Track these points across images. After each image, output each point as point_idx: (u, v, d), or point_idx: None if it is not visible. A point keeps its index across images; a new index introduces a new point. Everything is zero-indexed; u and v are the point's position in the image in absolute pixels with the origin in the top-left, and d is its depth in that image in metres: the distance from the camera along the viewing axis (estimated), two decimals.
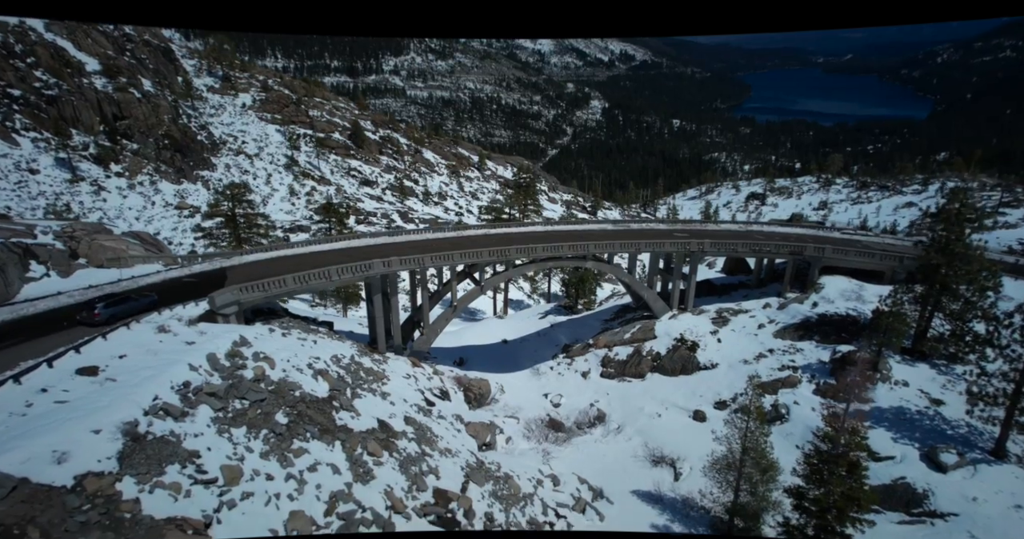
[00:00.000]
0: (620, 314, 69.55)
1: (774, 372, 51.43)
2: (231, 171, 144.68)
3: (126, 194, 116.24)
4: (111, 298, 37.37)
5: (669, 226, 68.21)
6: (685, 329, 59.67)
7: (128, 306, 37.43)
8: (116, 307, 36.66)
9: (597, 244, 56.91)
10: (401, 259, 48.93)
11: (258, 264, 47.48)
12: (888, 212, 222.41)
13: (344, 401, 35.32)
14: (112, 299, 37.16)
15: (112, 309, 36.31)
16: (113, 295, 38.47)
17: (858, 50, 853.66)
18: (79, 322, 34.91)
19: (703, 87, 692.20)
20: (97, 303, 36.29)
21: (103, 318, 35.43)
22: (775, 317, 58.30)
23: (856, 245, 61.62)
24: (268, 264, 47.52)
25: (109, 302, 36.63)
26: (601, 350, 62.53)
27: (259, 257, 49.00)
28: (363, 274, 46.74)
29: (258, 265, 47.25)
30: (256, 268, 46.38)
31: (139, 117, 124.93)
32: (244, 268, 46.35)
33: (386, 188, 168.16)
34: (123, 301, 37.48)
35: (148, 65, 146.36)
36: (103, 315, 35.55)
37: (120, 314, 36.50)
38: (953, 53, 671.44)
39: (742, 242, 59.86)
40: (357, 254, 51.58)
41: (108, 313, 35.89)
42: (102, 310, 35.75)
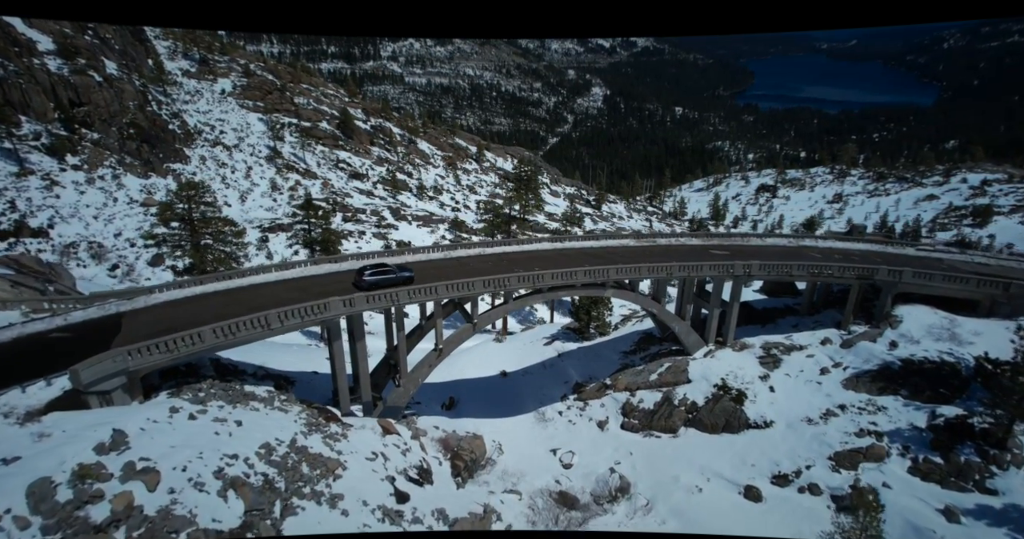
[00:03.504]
0: (642, 344, 57.94)
1: (850, 438, 39.87)
2: (207, 164, 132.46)
3: (83, 189, 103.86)
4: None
5: (703, 241, 56.27)
6: (727, 372, 48.08)
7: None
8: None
9: (619, 268, 45.08)
10: (369, 296, 37.28)
11: (173, 306, 35.58)
12: (908, 205, 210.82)
13: (266, 530, 23.85)
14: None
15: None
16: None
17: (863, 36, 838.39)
18: None
19: (705, 74, 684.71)
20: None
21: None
22: (841, 358, 46.66)
23: (939, 265, 49.94)
24: (188, 305, 35.62)
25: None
26: (621, 393, 51.02)
27: (176, 295, 36.85)
28: (317, 317, 35.11)
29: (173, 307, 35.36)
30: (169, 312, 34.48)
31: (100, 103, 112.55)
32: (151, 312, 34.36)
33: (377, 182, 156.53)
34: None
35: (114, 45, 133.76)
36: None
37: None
38: (959, 39, 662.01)
39: (797, 263, 47.91)
40: (314, 287, 39.89)
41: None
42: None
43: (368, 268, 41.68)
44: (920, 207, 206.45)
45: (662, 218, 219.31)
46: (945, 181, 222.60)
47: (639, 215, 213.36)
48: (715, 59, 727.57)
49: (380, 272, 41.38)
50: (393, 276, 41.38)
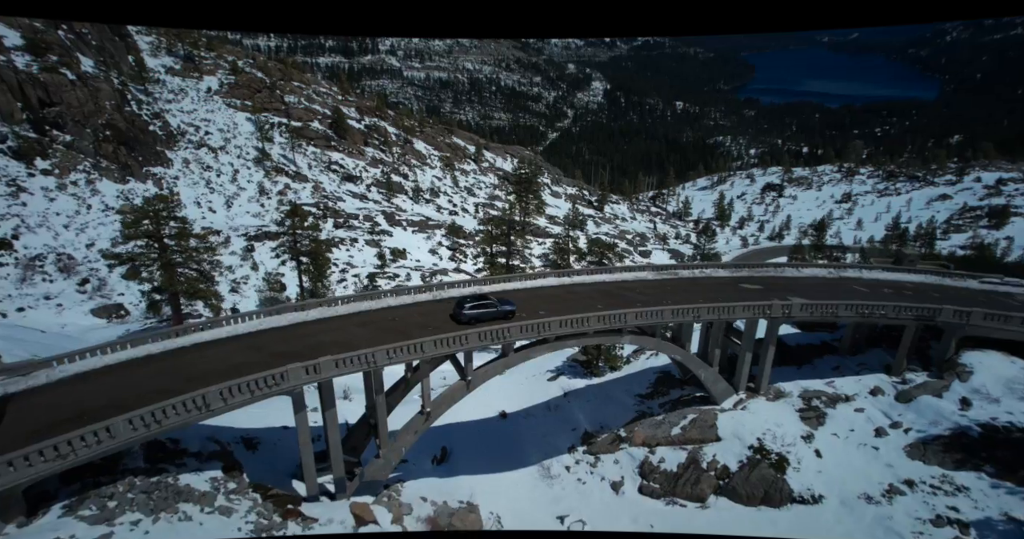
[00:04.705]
0: (660, 387, 50.90)
1: (925, 527, 32.82)
2: (190, 167, 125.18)
3: (53, 196, 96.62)
4: None
5: (731, 272, 48.96)
6: (763, 429, 41.16)
7: None
8: None
9: (639, 313, 38.01)
10: (338, 360, 30.19)
11: (89, 380, 28.31)
12: (920, 206, 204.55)
13: None
14: None
15: None
16: None
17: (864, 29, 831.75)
18: None
19: (706, 68, 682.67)
20: None
21: None
22: (899, 416, 39.70)
23: (1010, 302, 42.97)
24: (110, 378, 28.46)
25: None
26: (638, 449, 44.20)
27: (92, 365, 29.50)
28: (268, 391, 28.16)
29: (87, 383, 28.03)
30: (79, 391, 27.25)
31: (73, 103, 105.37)
32: (54, 392, 26.62)
33: (371, 184, 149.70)
34: None
35: (90, 41, 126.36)
36: None
37: None
38: (962, 31, 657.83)
39: (844, 303, 40.82)
40: (268, 344, 32.83)
41: None
42: None
43: (468, 299, 38.86)
44: (933, 208, 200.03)
45: (666, 219, 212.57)
46: (958, 180, 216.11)
47: (643, 216, 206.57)
48: (715, 53, 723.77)
49: (481, 305, 38.46)
50: (494, 310, 38.51)
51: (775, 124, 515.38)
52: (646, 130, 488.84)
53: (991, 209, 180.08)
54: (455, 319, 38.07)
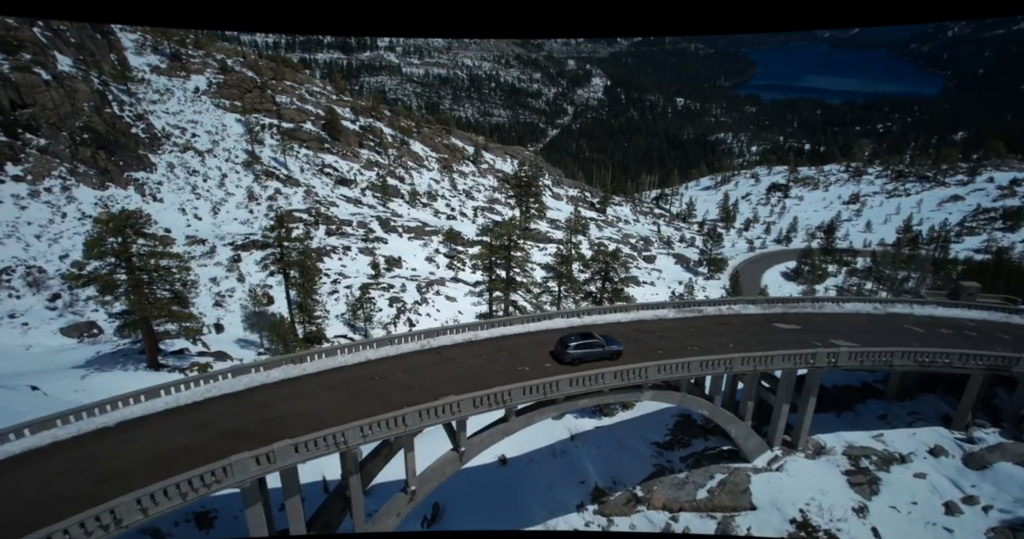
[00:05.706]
0: (679, 434, 45.08)
1: None
2: (175, 171, 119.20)
3: (25, 204, 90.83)
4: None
5: (763, 308, 42.76)
6: (806, 497, 35.42)
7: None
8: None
9: (662, 366, 32.15)
10: (298, 444, 24.35)
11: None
12: (931, 207, 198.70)
13: None
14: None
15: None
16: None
17: None
18: None
19: (707, 64, 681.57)
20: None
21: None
22: (973, 488, 33.98)
23: None
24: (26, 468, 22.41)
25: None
26: (658, 513, 38.52)
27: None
28: (206, 491, 22.40)
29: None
30: None
31: (48, 105, 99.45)
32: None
33: (366, 188, 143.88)
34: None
35: (69, 38, 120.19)
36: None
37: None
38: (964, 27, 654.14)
39: (900, 351, 34.97)
40: (215, 420, 26.93)
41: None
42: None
43: (573, 338, 35.76)
44: (944, 209, 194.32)
45: (670, 221, 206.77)
46: (970, 180, 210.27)
47: (646, 218, 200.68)
48: (716, 49, 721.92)
49: (586, 344, 35.34)
50: (600, 349, 35.47)
51: (776, 121, 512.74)
52: (647, 127, 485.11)
53: (1006, 211, 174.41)
54: (557, 358, 35.12)
